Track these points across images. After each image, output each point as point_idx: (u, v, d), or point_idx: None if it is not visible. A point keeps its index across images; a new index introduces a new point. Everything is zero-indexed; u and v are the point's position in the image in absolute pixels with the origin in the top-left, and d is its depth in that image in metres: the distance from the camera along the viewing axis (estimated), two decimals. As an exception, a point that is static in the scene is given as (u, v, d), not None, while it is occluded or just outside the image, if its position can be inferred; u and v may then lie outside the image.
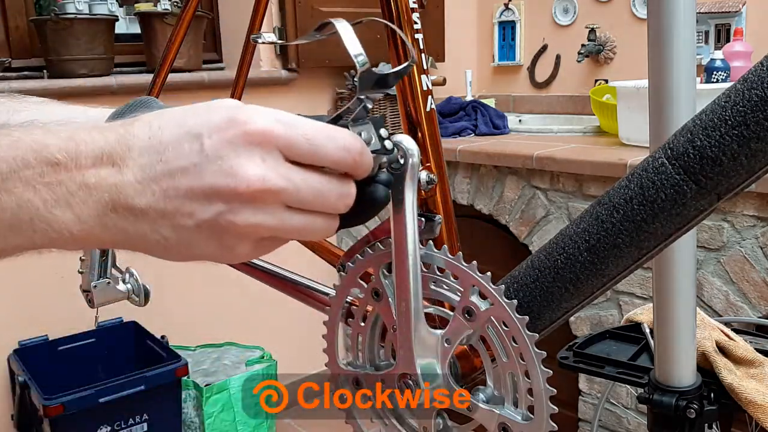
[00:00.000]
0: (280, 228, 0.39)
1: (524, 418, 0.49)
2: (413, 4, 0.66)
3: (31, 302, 2.04)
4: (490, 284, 0.49)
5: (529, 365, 0.48)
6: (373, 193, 0.43)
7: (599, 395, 1.96)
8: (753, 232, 1.61)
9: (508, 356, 0.49)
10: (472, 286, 0.50)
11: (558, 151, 1.97)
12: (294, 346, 2.50)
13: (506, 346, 0.49)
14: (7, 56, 2.09)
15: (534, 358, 0.48)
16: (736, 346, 0.85)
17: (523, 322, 0.48)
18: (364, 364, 0.58)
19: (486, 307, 0.49)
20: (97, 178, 0.37)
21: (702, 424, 0.78)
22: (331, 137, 0.39)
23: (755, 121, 0.42)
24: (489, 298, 0.49)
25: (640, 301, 1.83)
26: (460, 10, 2.90)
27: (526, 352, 0.48)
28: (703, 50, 2.25)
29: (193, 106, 0.39)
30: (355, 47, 0.43)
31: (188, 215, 0.37)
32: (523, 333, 0.48)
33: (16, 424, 1.99)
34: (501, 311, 0.48)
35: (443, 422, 0.54)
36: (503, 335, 0.49)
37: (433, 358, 0.52)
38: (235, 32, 2.47)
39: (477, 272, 0.49)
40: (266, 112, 0.38)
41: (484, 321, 0.49)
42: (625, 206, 0.48)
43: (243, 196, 0.37)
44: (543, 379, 0.48)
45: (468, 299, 0.50)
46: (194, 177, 0.37)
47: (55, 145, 0.37)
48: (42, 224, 0.36)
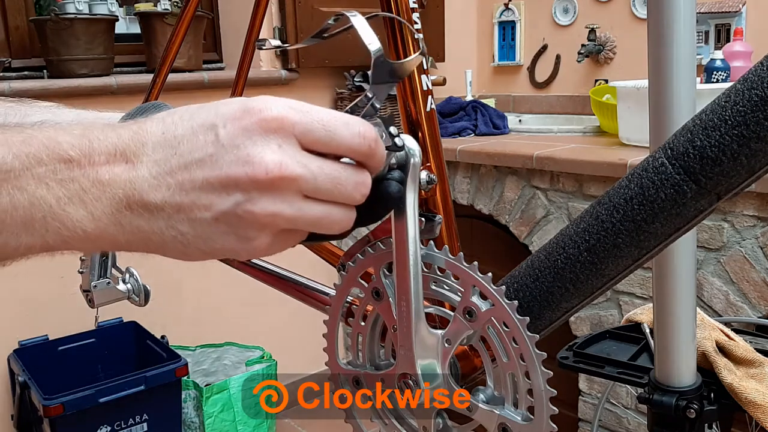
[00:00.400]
0: (299, 218, 0.38)
1: (524, 418, 0.49)
2: (413, 4, 0.66)
3: (31, 302, 2.04)
4: (491, 285, 0.49)
5: (529, 366, 0.48)
6: (387, 187, 0.43)
7: (599, 395, 1.96)
8: (753, 232, 1.61)
9: (509, 357, 0.49)
10: (473, 287, 0.50)
11: (558, 151, 1.97)
12: (294, 346, 2.50)
13: (507, 347, 0.49)
14: (7, 56, 2.09)
15: (534, 359, 0.48)
16: (736, 346, 0.85)
17: (524, 323, 0.48)
18: (365, 363, 0.58)
19: (487, 308, 0.49)
20: (110, 174, 0.36)
21: (702, 424, 0.78)
22: (347, 123, 0.39)
23: (755, 121, 0.42)
24: (490, 299, 0.49)
25: (640, 301, 1.83)
26: (460, 10, 2.90)
27: (527, 353, 0.48)
28: (703, 50, 2.25)
29: (205, 104, 0.39)
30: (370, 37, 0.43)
31: (205, 207, 0.37)
32: (524, 334, 0.48)
33: (16, 424, 1.99)
34: (502, 312, 0.48)
35: (443, 422, 0.54)
36: (504, 336, 0.49)
37: (433, 358, 0.52)
38: (235, 32, 2.47)
39: (478, 273, 0.49)
40: (280, 101, 0.38)
41: (484, 321, 0.49)
42: (625, 206, 0.48)
43: (261, 184, 0.36)
44: (543, 380, 0.48)
45: (469, 299, 0.50)
46: (210, 168, 0.36)
47: (68, 142, 0.36)
48: (55, 222, 0.36)
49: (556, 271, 0.52)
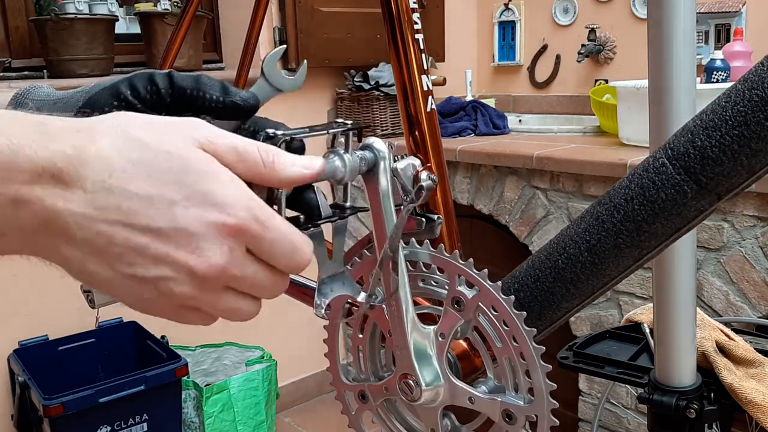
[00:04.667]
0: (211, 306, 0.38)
1: (526, 401, 0.50)
2: (413, 4, 0.66)
3: (31, 302, 2.04)
4: (472, 270, 0.49)
5: (522, 345, 0.49)
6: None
7: (599, 395, 1.96)
8: (753, 232, 1.61)
9: (502, 340, 0.50)
10: (458, 276, 0.50)
11: (558, 151, 1.97)
12: (294, 346, 2.50)
13: (498, 331, 0.50)
14: (7, 56, 2.09)
15: (525, 336, 0.48)
16: (736, 346, 0.85)
17: (509, 302, 0.48)
18: (368, 377, 0.58)
19: (473, 295, 0.50)
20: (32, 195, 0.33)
21: (702, 424, 0.78)
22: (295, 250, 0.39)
23: (756, 122, 0.42)
24: (475, 285, 0.50)
25: (640, 301, 1.83)
26: (460, 10, 2.90)
27: (517, 333, 0.49)
28: (703, 50, 2.25)
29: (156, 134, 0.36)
30: None
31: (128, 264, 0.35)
32: (511, 312, 0.48)
33: (16, 424, 1.99)
34: (488, 296, 0.49)
35: (451, 423, 0.55)
36: (494, 320, 0.50)
37: (430, 354, 0.52)
38: (235, 32, 2.47)
39: (459, 261, 0.50)
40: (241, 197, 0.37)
41: (473, 308, 0.50)
42: (626, 206, 0.48)
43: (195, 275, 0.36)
44: (537, 356, 0.48)
45: (455, 289, 0.50)
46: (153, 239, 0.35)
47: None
48: None
49: (557, 271, 0.52)
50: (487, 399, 0.51)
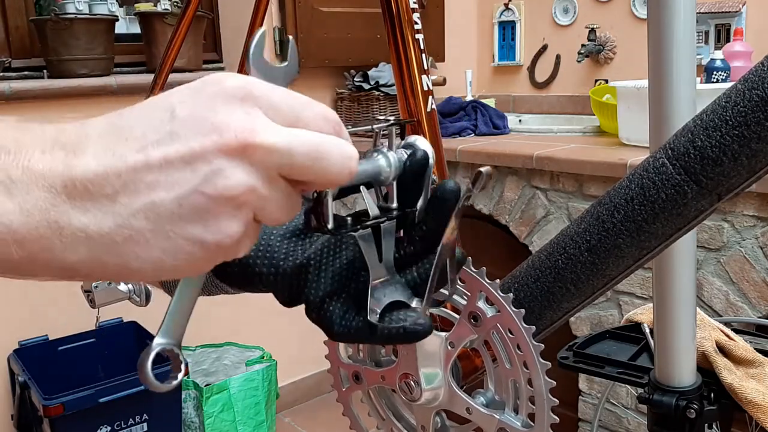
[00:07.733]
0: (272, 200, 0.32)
1: (524, 425, 0.49)
2: (413, 4, 0.66)
3: (31, 302, 2.04)
4: (498, 292, 0.48)
5: (532, 374, 0.48)
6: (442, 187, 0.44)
7: (599, 395, 1.96)
8: (753, 232, 1.61)
9: (512, 364, 0.49)
10: (480, 292, 0.49)
11: (558, 151, 1.97)
12: (294, 346, 2.50)
13: (510, 354, 0.49)
14: (7, 56, 2.09)
15: (538, 368, 0.47)
16: (736, 346, 0.85)
17: (529, 331, 0.47)
18: (365, 359, 0.58)
19: (493, 314, 0.49)
20: (45, 163, 0.30)
21: (702, 424, 0.78)
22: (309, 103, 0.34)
23: (756, 122, 0.42)
24: (496, 305, 0.49)
25: (640, 301, 1.83)
26: (460, 10, 2.90)
27: (531, 362, 0.48)
28: (703, 50, 2.25)
29: None
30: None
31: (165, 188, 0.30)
32: (529, 342, 0.47)
33: (16, 424, 1.99)
34: (508, 319, 0.48)
35: (441, 421, 0.54)
36: (508, 342, 0.49)
37: (435, 360, 0.52)
38: (235, 32, 2.47)
39: (485, 279, 0.49)
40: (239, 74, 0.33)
41: (489, 327, 0.49)
42: (626, 206, 0.48)
43: (231, 151, 0.30)
44: (546, 389, 0.47)
45: (475, 305, 0.50)
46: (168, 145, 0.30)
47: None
48: None
49: (557, 271, 0.52)
50: (485, 414, 0.51)
